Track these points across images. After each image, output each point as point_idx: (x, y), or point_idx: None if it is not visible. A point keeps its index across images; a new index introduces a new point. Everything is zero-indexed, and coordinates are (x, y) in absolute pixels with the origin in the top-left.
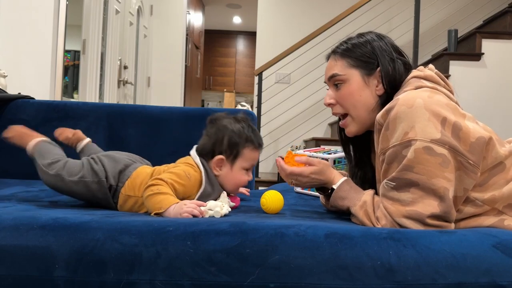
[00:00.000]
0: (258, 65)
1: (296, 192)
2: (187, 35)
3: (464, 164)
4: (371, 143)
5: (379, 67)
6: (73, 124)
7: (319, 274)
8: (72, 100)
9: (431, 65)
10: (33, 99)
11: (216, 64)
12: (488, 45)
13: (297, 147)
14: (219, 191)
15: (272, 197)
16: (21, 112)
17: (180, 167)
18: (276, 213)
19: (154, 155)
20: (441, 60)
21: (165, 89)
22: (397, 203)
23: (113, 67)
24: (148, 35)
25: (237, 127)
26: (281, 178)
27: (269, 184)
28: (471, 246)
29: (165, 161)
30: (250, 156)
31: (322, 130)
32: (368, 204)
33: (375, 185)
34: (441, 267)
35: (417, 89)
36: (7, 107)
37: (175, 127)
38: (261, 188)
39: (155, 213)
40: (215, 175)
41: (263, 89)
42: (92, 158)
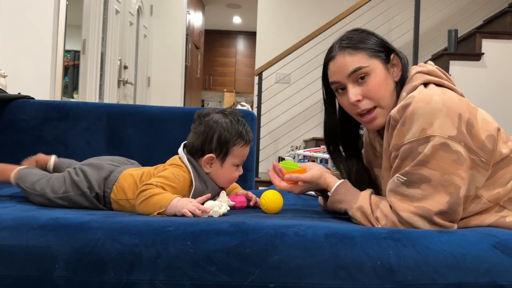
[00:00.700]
0: (258, 65)
1: None
2: (187, 35)
3: (476, 162)
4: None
5: (393, 55)
6: (73, 124)
7: (319, 274)
8: (72, 100)
9: (430, 62)
10: (33, 99)
11: (216, 64)
12: (488, 45)
13: (297, 147)
14: (213, 187)
15: (272, 197)
16: (21, 112)
17: (168, 170)
18: (276, 213)
19: (154, 155)
20: (441, 60)
21: (165, 89)
22: (405, 199)
23: (113, 67)
24: (148, 35)
25: (226, 124)
26: None
27: (269, 184)
28: (471, 246)
29: (165, 161)
30: (240, 153)
31: (322, 130)
32: (365, 205)
33: (373, 183)
34: (441, 267)
35: (425, 84)
36: (7, 107)
37: (175, 127)
38: (261, 188)
39: (157, 213)
40: (205, 172)
41: (263, 89)
42: (74, 168)
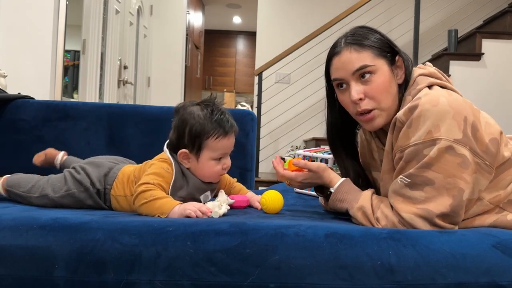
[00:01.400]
0: (258, 65)
1: (296, 192)
2: (187, 35)
3: (481, 165)
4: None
5: (398, 56)
6: (73, 124)
7: (319, 274)
8: (72, 100)
9: (428, 63)
10: (33, 99)
11: (216, 64)
12: (488, 45)
13: (297, 147)
14: (194, 182)
15: (272, 197)
16: (21, 112)
17: (156, 165)
18: (276, 213)
19: (154, 155)
20: (441, 60)
21: (165, 89)
22: (408, 200)
23: (113, 67)
24: (148, 35)
25: (199, 116)
26: None
27: (269, 184)
28: (471, 246)
29: None
30: (216, 146)
31: (322, 130)
32: (366, 205)
33: (370, 185)
34: (441, 267)
35: (429, 86)
36: (7, 107)
37: None
38: (261, 188)
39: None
40: (186, 167)
41: (263, 89)
42: (73, 168)
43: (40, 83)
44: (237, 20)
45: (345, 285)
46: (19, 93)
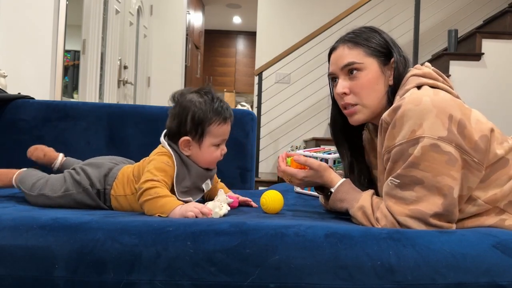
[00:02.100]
0: (258, 65)
1: (296, 192)
2: (187, 35)
3: (469, 162)
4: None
5: (393, 58)
6: (73, 124)
7: (319, 274)
8: (72, 100)
9: (427, 63)
10: (33, 99)
11: (216, 64)
12: (488, 45)
13: (297, 147)
14: (196, 170)
15: (272, 197)
16: (21, 112)
17: (156, 160)
18: (276, 213)
19: None
20: (441, 60)
21: (165, 89)
22: (400, 201)
23: (113, 67)
24: (148, 35)
25: (200, 103)
26: (281, 178)
27: (269, 184)
28: (471, 246)
29: None
30: (217, 132)
31: (322, 130)
32: (366, 205)
33: (373, 183)
34: (441, 267)
35: (419, 87)
36: (7, 107)
37: None
38: (261, 188)
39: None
40: (186, 155)
41: (263, 89)
42: (73, 169)
43: (40, 83)
44: (237, 20)
45: (345, 285)
46: (19, 93)
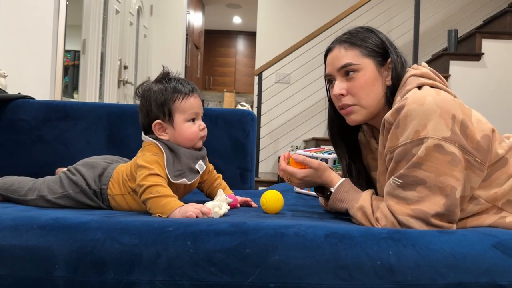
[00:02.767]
0: (258, 65)
1: (296, 192)
2: (187, 35)
3: (471, 162)
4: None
5: (390, 59)
6: (73, 124)
7: (319, 274)
8: (72, 100)
9: (424, 63)
10: (33, 99)
11: (216, 64)
12: (488, 45)
13: (297, 147)
14: (184, 152)
15: (272, 197)
16: (21, 112)
17: (144, 155)
18: (276, 213)
19: None
20: (441, 60)
21: None
22: (402, 201)
23: (113, 67)
24: (148, 35)
25: (158, 88)
26: (281, 178)
27: (269, 184)
28: (471, 246)
29: None
30: (184, 107)
31: (322, 130)
32: (366, 205)
33: (371, 185)
34: (441, 267)
35: (419, 87)
36: (7, 107)
37: None
38: (261, 188)
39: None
40: (166, 140)
41: (263, 89)
42: (68, 170)
43: (40, 83)
44: (237, 20)
45: (345, 285)
46: (19, 93)
